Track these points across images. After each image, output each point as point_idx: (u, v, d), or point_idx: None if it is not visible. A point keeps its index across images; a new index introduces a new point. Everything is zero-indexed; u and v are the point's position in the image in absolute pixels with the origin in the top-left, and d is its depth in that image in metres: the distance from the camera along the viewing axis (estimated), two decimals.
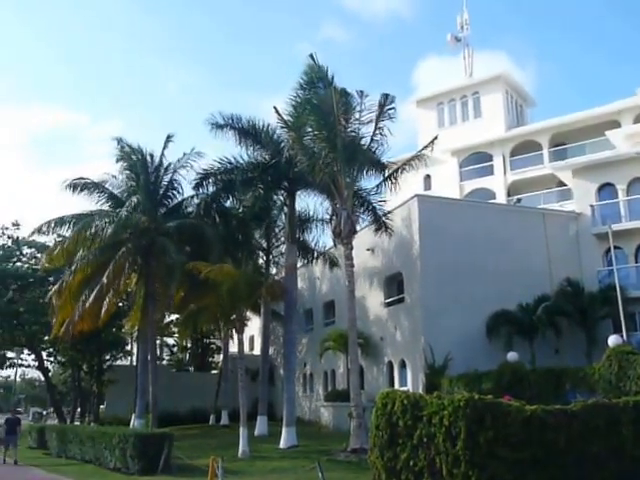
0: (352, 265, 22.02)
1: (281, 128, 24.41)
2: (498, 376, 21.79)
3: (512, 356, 23.15)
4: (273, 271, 32.39)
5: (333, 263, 31.17)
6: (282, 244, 30.21)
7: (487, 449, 10.00)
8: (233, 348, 36.29)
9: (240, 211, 28.93)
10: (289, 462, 18.97)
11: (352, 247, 22.22)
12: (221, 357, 42.02)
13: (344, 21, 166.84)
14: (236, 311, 23.37)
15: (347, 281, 22.03)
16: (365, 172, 23.50)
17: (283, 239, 29.34)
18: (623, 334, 23.08)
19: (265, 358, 30.05)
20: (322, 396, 33.26)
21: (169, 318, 42.55)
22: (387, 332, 28.26)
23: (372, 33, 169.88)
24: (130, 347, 46.67)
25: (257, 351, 39.29)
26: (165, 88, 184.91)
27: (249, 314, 28.82)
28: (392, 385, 26.69)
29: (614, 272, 25.90)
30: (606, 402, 11.71)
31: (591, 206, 29.47)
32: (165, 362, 51.10)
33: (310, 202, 38.06)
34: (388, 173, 24.06)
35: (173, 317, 42.23)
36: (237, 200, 28.67)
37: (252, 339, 43.23)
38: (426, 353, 24.43)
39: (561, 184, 36.92)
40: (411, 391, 18.26)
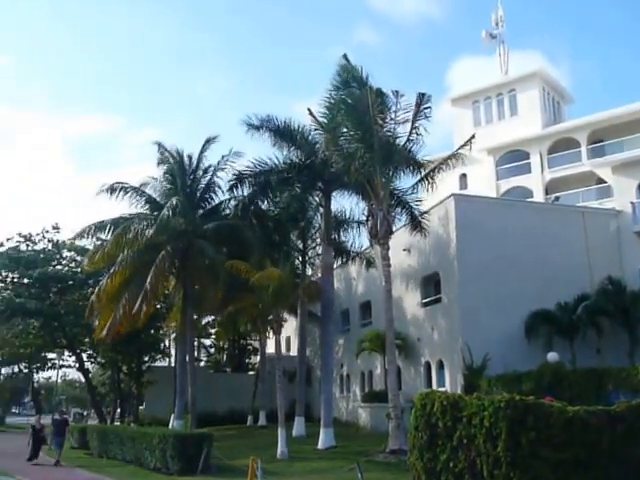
0: (389, 265, 21.95)
1: (316, 129, 24.46)
2: (538, 377, 21.45)
3: (552, 356, 22.78)
4: (309, 272, 32.46)
5: (370, 263, 31.08)
6: (318, 245, 30.26)
7: (529, 450, 9.85)
8: (270, 349, 36.50)
9: (276, 212, 29.06)
10: (328, 463, 19.00)
11: (389, 247, 22.14)
12: (258, 358, 42.29)
13: (375, 24, 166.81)
14: (274, 312, 23.48)
15: (384, 281, 21.95)
16: (401, 172, 23.41)
17: (319, 240, 29.39)
18: None
19: (302, 359, 30.12)
20: (359, 397, 33.19)
21: (206, 319, 43.01)
22: (424, 332, 28.08)
23: (403, 35, 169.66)
24: (168, 348, 47.21)
25: (293, 352, 39.45)
26: (200, 93, 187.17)
27: (285, 315, 28.96)
28: (430, 386, 26.51)
29: None
30: None
31: (632, 203, 28.80)
32: (202, 363, 51.57)
33: (346, 203, 38.00)
34: (424, 173, 23.90)
35: (210, 318, 42.68)
36: (273, 201, 28.82)
37: (288, 340, 43.37)
38: (464, 353, 24.17)
39: (600, 181, 36.23)
40: (450, 392, 18.11)
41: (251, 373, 45.56)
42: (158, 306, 35.20)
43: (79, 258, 40.69)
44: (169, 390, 33.58)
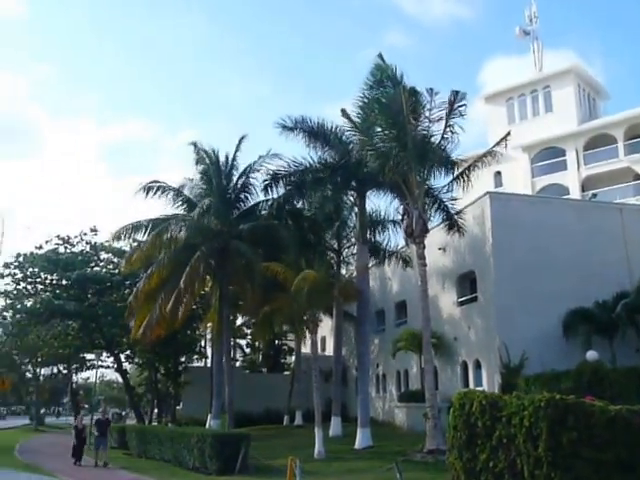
0: (425, 264, 21.86)
1: (349, 130, 24.47)
2: (577, 376, 21.09)
3: (591, 355, 22.40)
4: (344, 272, 32.46)
5: (405, 263, 30.96)
6: (353, 245, 30.25)
7: (570, 450, 9.72)
8: (305, 349, 36.60)
9: (311, 212, 29.12)
10: (365, 463, 19.00)
11: (424, 246, 22.06)
12: (293, 358, 42.43)
13: (406, 28, 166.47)
14: (310, 312, 23.55)
15: (420, 281, 21.87)
16: (436, 170, 23.29)
17: (354, 240, 29.38)
18: None
19: (338, 359, 30.14)
20: (395, 397, 33.10)
21: (241, 320, 43.32)
22: (460, 331, 27.88)
23: (434, 38, 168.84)
24: (205, 349, 47.64)
25: (329, 352, 39.48)
26: (235, 97, 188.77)
27: (321, 315, 28.99)
28: (467, 385, 26.30)
29: None
30: None
31: None
32: (238, 363, 51.91)
33: (381, 202, 37.93)
34: (459, 171, 23.75)
35: (245, 319, 42.96)
36: (308, 201, 28.88)
37: (324, 340, 43.42)
38: (501, 352, 23.94)
39: (638, 177, 35.54)
40: (487, 391, 17.96)
41: (286, 373, 45.73)
42: (194, 307, 35.53)
43: (116, 260, 41.33)
44: (206, 390, 33.92)
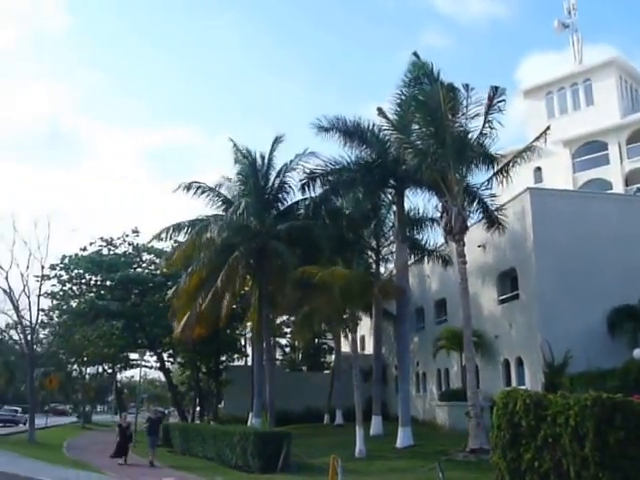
0: (465, 262, 21.68)
1: (386, 128, 24.37)
2: (623, 374, 20.63)
3: (638, 353, 21.89)
4: (383, 270, 32.37)
5: (445, 261, 30.72)
6: (392, 243, 30.12)
7: (618, 450, 9.53)
8: (345, 348, 36.60)
9: (349, 211, 29.07)
10: (407, 462, 18.91)
11: (464, 244, 21.87)
12: (333, 357, 42.46)
13: (442, 28, 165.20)
14: (348, 311, 23.54)
15: (460, 278, 21.68)
16: (475, 167, 23.06)
17: (392, 238, 29.26)
18: None
19: (378, 357, 30.06)
20: (436, 395, 32.87)
21: (281, 319, 43.52)
22: (502, 330, 27.54)
23: (470, 37, 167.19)
24: (245, 348, 48.02)
25: (368, 350, 39.42)
26: (271, 98, 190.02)
27: (360, 314, 28.97)
28: (509, 384, 25.99)
29: None
30: None
31: None
32: (278, 362, 52.17)
33: (419, 200, 37.73)
34: (498, 167, 23.45)
35: (285, 318, 43.16)
36: (345, 200, 28.85)
37: (363, 339, 43.36)
38: (544, 351, 23.54)
39: None
40: (530, 390, 17.71)
41: (327, 372, 45.79)
42: (235, 306, 35.84)
43: (158, 260, 41.95)
44: (247, 389, 34.18)
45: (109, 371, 56.58)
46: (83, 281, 43.26)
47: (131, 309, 41.08)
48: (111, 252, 43.64)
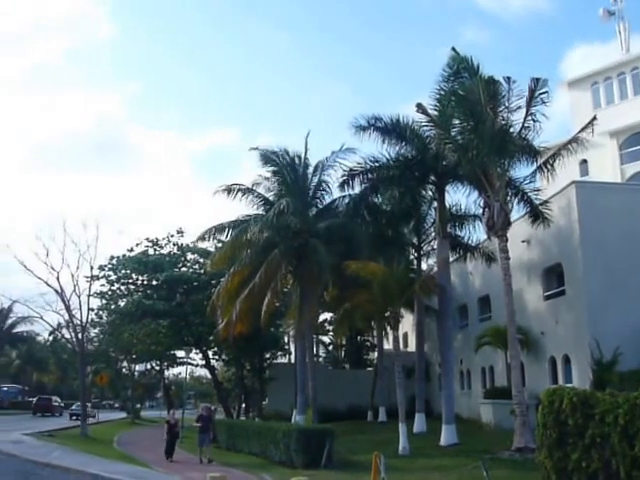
0: (508, 258, 21.35)
1: (425, 124, 24.14)
2: None
3: None
4: (424, 267, 32.15)
5: (488, 257, 30.32)
6: (433, 239, 29.87)
7: None
8: (387, 345, 36.50)
9: (389, 208, 28.91)
10: (451, 460, 18.75)
11: (507, 239, 21.54)
12: (375, 354, 42.38)
13: (484, 24, 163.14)
14: (389, 308, 23.44)
15: (503, 274, 21.34)
16: (517, 161, 22.65)
17: (434, 234, 29.02)
18: None
19: (420, 355, 29.91)
20: (481, 393, 32.49)
21: (323, 317, 43.62)
22: (547, 326, 27.03)
23: (513, 32, 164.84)
24: (288, 345, 48.31)
25: (411, 348, 39.23)
26: (311, 101, 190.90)
27: (402, 311, 28.81)
28: (555, 382, 25.51)
29: None
30: None
31: None
32: (321, 360, 52.31)
33: (460, 196, 37.23)
34: (542, 160, 22.99)
35: (327, 315, 43.25)
36: (385, 197, 28.70)
37: (406, 336, 43.16)
38: (592, 348, 23.02)
39: None
40: (578, 388, 17.36)
41: (369, 369, 45.74)
42: (277, 304, 36.03)
43: (202, 260, 42.53)
44: (290, 386, 34.36)
45: (157, 368, 57.59)
46: (130, 281, 44.21)
47: (176, 308, 41.77)
48: (156, 252, 44.43)
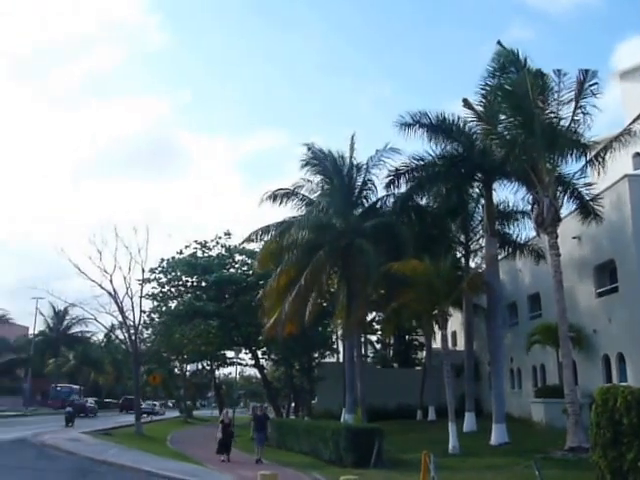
0: (558, 255, 20.95)
1: (472, 120, 23.92)
2: None
3: None
4: (472, 265, 31.81)
5: (537, 255, 29.81)
6: (481, 237, 29.56)
7: None
8: (435, 344, 36.24)
9: (435, 207, 28.72)
10: (502, 459, 18.55)
11: (557, 236, 21.15)
12: (424, 353, 42.12)
13: (530, 20, 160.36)
14: (437, 307, 23.30)
15: (554, 272, 20.95)
16: (567, 155, 22.18)
17: (481, 232, 28.71)
18: None
19: (469, 354, 29.63)
20: (531, 392, 31.98)
21: (371, 316, 43.54)
22: (600, 324, 26.44)
23: (560, 27, 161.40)
24: (336, 345, 48.44)
25: (459, 346, 38.87)
26: (358, 103, 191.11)
27: (450, 309, 28.58)
28: (609, 380, 24.93)
29: None
30: None
31: None
32: (369, 359, 52.25)
33: (508, 193, 36.76)
34: (592, 154, 22.47)
35: (375, 315, 43.12)
36: (431, 196, 28.52)
37: (454, 334, 42.77)
38: None
39: None
40: (633, 387, 16.94)
41: (418, 368, 45.49)
42: (324, 304, 36.16)
43: (250, 261, 43.03)
44: (339, 385, 34.45)
45: (208, 368, 58.51)
46: (180, 283, 45.10)
47: (226, 309, 42.42)
48: (205, 254, 45.16)
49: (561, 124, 21.59)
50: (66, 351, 71.25)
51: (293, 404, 49.47)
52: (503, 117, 22.47)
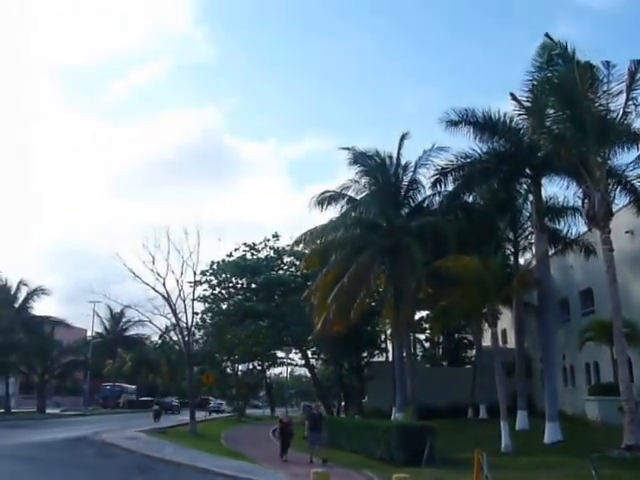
0: (611, 249, 20.46)
1: (519, 115, 23.61)
2: None
3: None
4: (521, 262, 31.42)
5: (588, 250, 29.25)
6: (530, 234, 29.18)
7: None
8: (485, 342, 35.91)
9: (482, 204, 28.49)
10: (556, 458, 18.31)
11: (609, 230, 20.67)
12: (474, 351, 41.76)
13: (575, 15, 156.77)
14: (486, 304, 23.13)
15: (607, 267, 20.49)
16: (619, 148, 21.70)
17: (530, 229, 28.34)
18: None
19: (520, 351, 29.27)
20: (585, 389, 31.38)
21: (419, 315, 43.46)
22: None
23: (606, 21, 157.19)
24: (385, 344, 48.44)
25: (510, 344, 38.40)
26: (403, 105, 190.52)
27: (500, 307, 28.32)
28: None
29: None
30: None
31: None
32: (419, 358, 52.07)
33: (557, 188, 36.05)
34: None
35: (423, 313, 43.02)
36: (478, 194, 28.31)
37: (504, 332, 42.23)
38: None
39: None
40: None
41: (468, 367, 45.11)
42: (372, 303, 36.23)
43: (298, 262, 43.45)
44: (389, 384, 34.46)
45: (259, 368, 59.21)
46: (230, 285, 45.88)
47: (275, 309, 42.92)
48: (254, 257, 45.80)
49: (612, 116, 21.12)
50: (123, 352, 73.13)
51: (343, 403, 49.64)
52: (551, 111, 22.08)
